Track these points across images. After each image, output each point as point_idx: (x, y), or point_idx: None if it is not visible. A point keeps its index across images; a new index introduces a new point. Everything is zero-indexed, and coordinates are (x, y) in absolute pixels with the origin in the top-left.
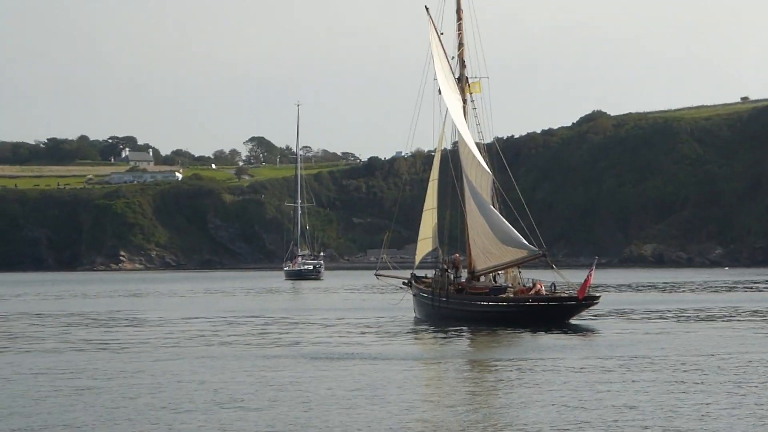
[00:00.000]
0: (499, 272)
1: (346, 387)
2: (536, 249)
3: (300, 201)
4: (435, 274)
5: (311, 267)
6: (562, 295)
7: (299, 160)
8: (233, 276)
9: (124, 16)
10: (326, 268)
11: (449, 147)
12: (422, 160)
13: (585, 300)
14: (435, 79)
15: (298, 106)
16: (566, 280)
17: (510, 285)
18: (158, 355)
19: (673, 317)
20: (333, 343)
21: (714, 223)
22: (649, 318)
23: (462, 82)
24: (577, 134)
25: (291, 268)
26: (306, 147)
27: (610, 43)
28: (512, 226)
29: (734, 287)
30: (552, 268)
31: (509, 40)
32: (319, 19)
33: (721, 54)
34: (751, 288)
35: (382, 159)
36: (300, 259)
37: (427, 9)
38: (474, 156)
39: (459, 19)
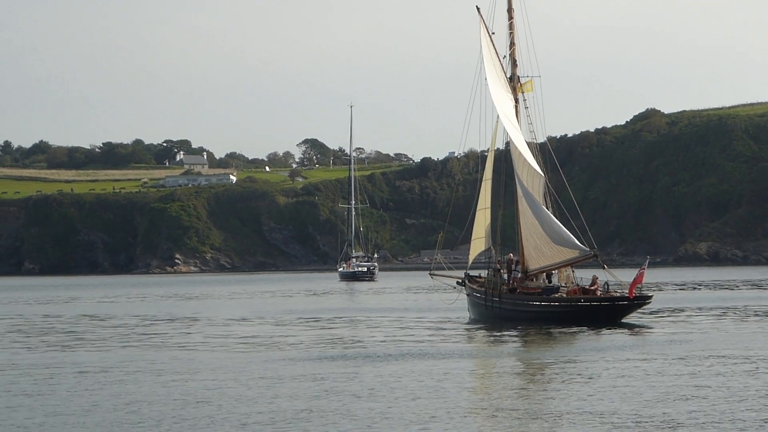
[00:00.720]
0: (553, 272)
1: (407, 384)
2: (588, 249)
3: (353, 202)
4: (488, 273)
5: (365, 268)
6: (614, 294)
7: (352, 161)
8: (288, 278)
9: (179, 21)
10: (380, 269)
11: (502, 147)
12: (475, 160)
13: (637, 300)
14: (485, 79)
15: (351, 107)
16: (618, 279)
17: (563, 285)
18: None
19: (723, 315)
20: (390, 342)
21: None
22: (701, 316)
23: (514, 81)
24: (631, 132)
25: (345, 270)
26: (359, 148)
27: (664, 41)
28: (564, 227)
29: None
30: (603, 268)
31: (561, 39)
32: (371, 19)
33: None
34: None
35: (435, 159)
36: (354, 260)
37: (478, 9)
38: (524, 157)
39: (510, 18)
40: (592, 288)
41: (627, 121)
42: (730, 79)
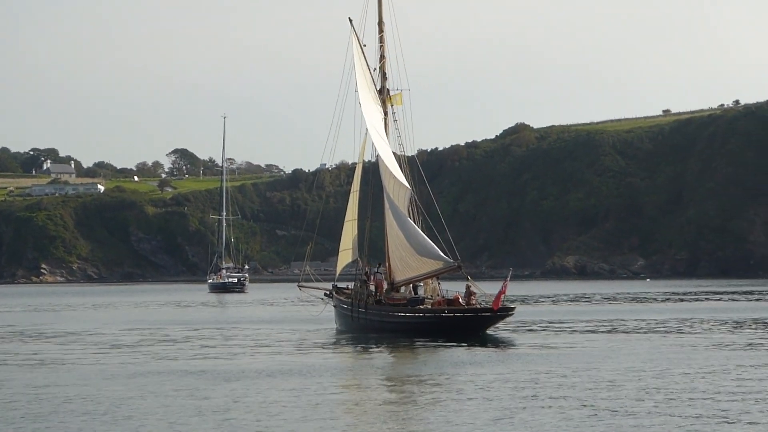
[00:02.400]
0: (419, 283)
1: (261, 402)
2: (451, 261)
3: (224, 213)
4: (354, 285)
5: (236, 279)
6: (478, 306)
7: (225, 172)
8: (157, 289)
9: (45, 24)
10: (250, 281)
11: (372, 159)
12: (346, 172)
13: (500, 311)
14: (356, 91)
15: (224, 118)
16: (482, 291)
17: (429, 296)
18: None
19: (583, 330)
20: (247, 356)
21: (636, 235)
22: (559, 330)
23: (383, 94)
24: (501, 146)
25: (215, 281)
26: (230, 159)
27: (533, 57)
28: (429, 239)
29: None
30: (467, 279)
31: (432, 53)
32: (243, 29)
33: (642, 67)
34: (653, 299)
35: (306, 171)
36: (224, 271)
37: (350, 20)
38: (391, 170)
39: (380, 31)
40: (458, 299)
41: (497, 135)
42: (599, 94)
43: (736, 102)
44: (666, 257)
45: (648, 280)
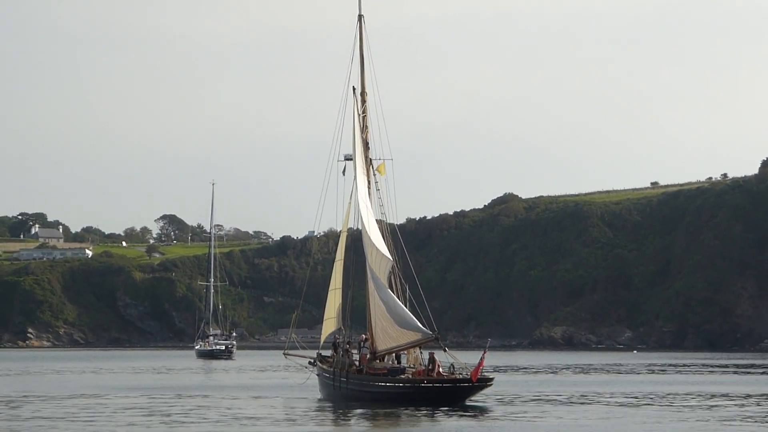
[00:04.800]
0: (402, 353)
1: None
2: (429, 332)
3: (212, 280)
4: (336, 354)
5: (223, 347)
6: (457, 377)
7: (213, 238)
8: (143, 355)
9: (34, 87)
10: (237, 348)
11: (357, 227)
12: (334, 239)
13: (479, 382)
14: (339, 161)
15: (213, 184)
16: (460, 362)
17: (411, 366)
18: None
19: (563, 401)
20: (228, 422)
21: (623, 306)
22: (540, 401)
23: (366, 163)
24: (489, 216)
25: (203, 347)
26: (218, 225)
27: (521, 127)
28: (408, 310)
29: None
30: (444, 350)
31: (417, 123)
32: (232, 97)
33: (631, 139)
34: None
35: (295, 238)
36: (212, 338)
37: (354, 89)
38: (372, 240)
39: (363, 101)
40: (431, 368)
41: (485, 205)
42: (587, 166)
43: (724, 175)
44: (653, 329)
45: (635, 351)
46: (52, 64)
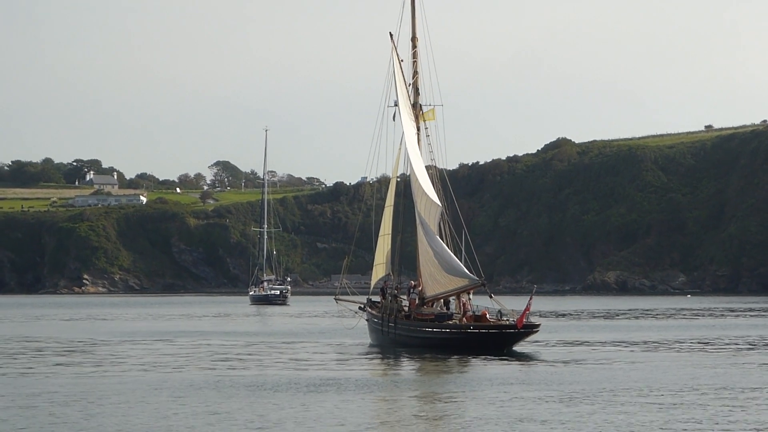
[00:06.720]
0: (451, 299)
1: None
2: (476, 278)
3: (266, 226)
4: (385, 299)
5: (278, 292)
6: (504, 323)
7: (266, 184)
8: (198, 300)
9: (90, 38)
10: (291, 294)
11: (407, 172)
12: (387, 185)
13: (524, 328)
14: (389, 106)
15: (266, 131)
16: (506, 308)
17: (457, 312)
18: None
19: (615, 348)
20: (283, 369)
21: (677, 250)
22: (591, 347)
23: (416, 109)
24: (542, 161)
25: (257, 293)
26: (271, 172)
27: (574, 71)
28: (455, 256)
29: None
30: (490, 297)
31: (472, 69)
32: (285, 43)
33: (685, 82)
34: (697, 316)
35: (348, 184)
36: (266, 284)
37: (391, 35)
38: (423, 187)
39: (414, 47)
40: (485, 315)
41: (538, 150)
42: (641, 110)
43: None
44: (707, 273)
45: (688, 296)
46: (104, 12)
